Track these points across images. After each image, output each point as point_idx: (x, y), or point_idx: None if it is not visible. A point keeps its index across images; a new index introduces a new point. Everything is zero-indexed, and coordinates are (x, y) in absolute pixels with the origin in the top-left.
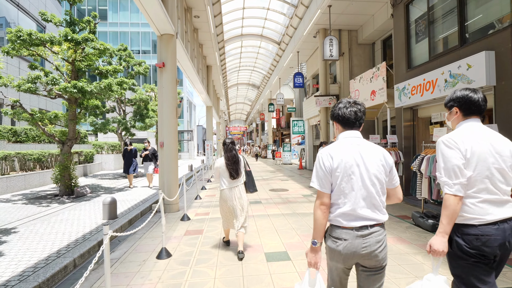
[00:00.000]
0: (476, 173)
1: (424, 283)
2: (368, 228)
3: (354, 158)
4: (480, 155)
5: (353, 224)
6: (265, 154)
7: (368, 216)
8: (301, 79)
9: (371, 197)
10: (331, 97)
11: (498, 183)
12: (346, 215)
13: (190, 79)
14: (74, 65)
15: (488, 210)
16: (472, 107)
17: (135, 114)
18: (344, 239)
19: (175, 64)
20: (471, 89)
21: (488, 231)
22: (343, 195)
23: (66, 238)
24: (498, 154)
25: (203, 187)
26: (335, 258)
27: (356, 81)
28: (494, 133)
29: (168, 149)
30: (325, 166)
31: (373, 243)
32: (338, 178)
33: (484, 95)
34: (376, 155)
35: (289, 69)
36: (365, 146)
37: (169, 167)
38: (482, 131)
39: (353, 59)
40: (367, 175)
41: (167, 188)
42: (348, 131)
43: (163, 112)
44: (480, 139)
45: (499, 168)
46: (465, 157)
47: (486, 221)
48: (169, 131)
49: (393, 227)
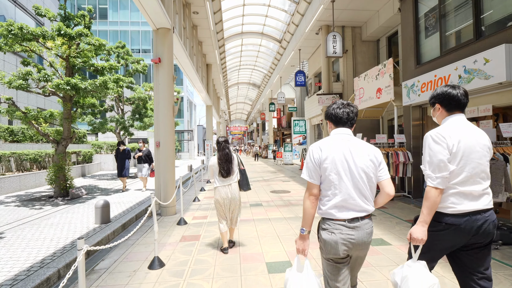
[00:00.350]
0: (459, 166)
1: (405, 268)
2: (359, 220)
3: (343, 152)
4: (466, 150)
5: (345, 216)
6: (266, 154)
7: (359, 205)
8: (302, 77)
9: (360, 188)
10: (334, 95)
11: (478, 177)
12: (338, 206)
13: (189, 77)
14: (68, 61)
15: (461, 201)
16: (452, 102)
17: (133, 113)
18: (339, 232)
19: (171, 59)
20: (450, 86)
21: (458, 221)
22: (333, 186)
23: (54, 245)
24: (481, 149)
25: (202, 188)
26: (331, 250)
27: (360, 79)
28: (476, 129)
29: (164, 149)
30: (314, 158)
31: (364, 234)
32: (326, 169)
33: (464, 91)
34: (365, 151)
35: (290, 68)
36: (355, 142)
37: (165, 168)
38: (467, 127)
39: (357, 57)
40: (355, 168)
41: (163, 190)
42: (340, 128)
43: (159, 110)
44: (466, 134)
45: (479, 162)
46: (451, 152)
47: (458, 211)
48: (165, 130)
49: (404, 232)
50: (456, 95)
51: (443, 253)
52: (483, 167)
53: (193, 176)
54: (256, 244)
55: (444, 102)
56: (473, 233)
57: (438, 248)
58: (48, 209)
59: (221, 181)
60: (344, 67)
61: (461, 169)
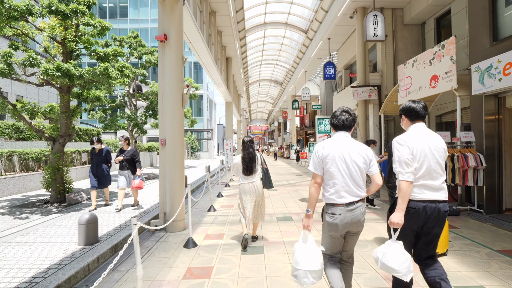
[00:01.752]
0: (419, 164)
1: (385, 246)
2: (354, 204)
3: (341, 150)
4: (422, 151)
5: (343, 201)
6: (288, 154)
7: (354, 192)
8: (332, 69)
9: (354, 178)
10: (371, 88)
11: (434, 173)
12: (337, 193)
13: (206, 67)
14: (65, 46)
15: (422, 191)
16: (412, 113)
17: (147, 109)
18: (338, 214)
19: (181, 37)
20: (413, 101)
21: (416, 206)
22: (333, 177)
23: (3, 286)
24: (435, 151)
25: (219, 194)
26: (333, 229)
27: (407, 66)
28: (433, 134)
29: (171, 148)
30: (318, 154)
31: (358, 214)
32: (327, 163)
33: (423, 104)
34: (358, 149)
35: (316, 61)
36: (351, 142)
37: (172, 171)
38: (423, 133)
39: (398, 43)
40: (350, 163)
41: (169, 198)
42: (340, 131)
43: (164, 100)
44: (421, 139)
45: (436, 162)
46: (412, 153)
47: (419, 198)
48: (172, 124)
49: (505, 273)
50: (415, 108)
51: (412, 233)
52: (438, 165)
53: (208, 180)
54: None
55: (407, 114)
56: (427, 217)
57: (408, 228)
58: (36, 218)
59: (245, 179)
60: (382, 56)
61: (420, 166)
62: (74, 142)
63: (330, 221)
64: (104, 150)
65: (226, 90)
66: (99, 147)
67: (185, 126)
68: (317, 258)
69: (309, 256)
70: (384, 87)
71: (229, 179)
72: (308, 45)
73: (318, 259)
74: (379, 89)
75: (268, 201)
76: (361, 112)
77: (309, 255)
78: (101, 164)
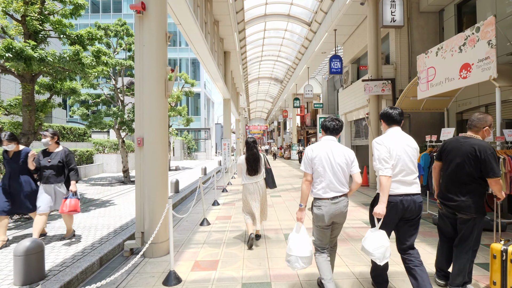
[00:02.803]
0: (395, 162)
1: (368, 233)
2: (338, 198)
3: (327, 152)
4: (397, 151)
5: (328, 196)
6: (289, 154)
7: (338, 188)
8: (339, 63)
9: (338, 177)
10: (384, 81)
11: (408, 170)
12: (324, 189)
13: (201, 58)
14: (25, 24)
15: (398, 187)
16: (389, 119)
17: (133, 107)
18: (324, 206)
19: (164, 7)
20: (391, 107)
21: (394, 200)
22: (320, 175)
23: None
24: (409, 151)
25: (214, 201)
26: (320, 220)
27: (429, 55)
28: (406, 136)
29: (150, 149)
30: (308, 156)
31: (342, 206)
32: (315, 164)
33: (400, 111)
34: (341, 152)
35: (320, 56)
36: (335, 146)
37: (152, 179)
38: (398, 135)
39: (413, 32)
40: (334, 163)
41: (148, 214)
42: (328, 135)
43: (142, 88)
44: (396, 140)
45: (410, 160)
46: (389, 152)
47: (396, 193)
48: (152, 119)
49: None
50: (391, 114)
51: (393, 223)
52: (411, 163)
53: (200, 187)
54: None
55: (385, 119)
56: (405, 209)
57: (388, 218)
58: None
59: (249, 179)
60: (396, 47)
61: (396, 164)
62: None
63: (317, 212)
64: (22, 154)
65: (224, 86)
66: (14, 148)
67: (181, 125)
68: (307, 246)
69: (300, 245)
70: (398, 81)
71: (227, 182)
72: (312, 38)
73: (308, 247)
74: (393, 83)
75: (272, 210)
76: (373, 108)
77: (301, 244)
78: (18, 174)
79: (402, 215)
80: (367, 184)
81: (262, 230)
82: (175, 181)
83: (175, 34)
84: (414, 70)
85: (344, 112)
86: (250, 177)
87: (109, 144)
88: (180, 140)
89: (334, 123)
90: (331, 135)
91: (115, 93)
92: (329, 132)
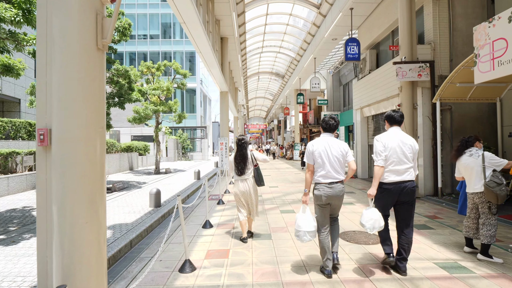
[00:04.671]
0: (389, 155)
1: (364, 211)
2: (333, 184)
3: (324, 146)
4: (392, 146)
5: (326, 181)
6: (291, 155)
7: (334, 176)
8: (356, 47)
9: (334, 167)
10: (421, 64)
11: (401, 162)
12: (323, 176)
13: (188, 29)
14: None
15: (390, 175)
16: (392, 120)
17: (111, 96)
18: (322, 189)
19: None
20: (393, 110)
21: (387, 187)
22: (320, 166)
23: None
24: (403, 146)
25: (206, 223)
26: (319, 199)
27: (498, 23)
28: (404, 134)
29: (66, 153)
30: (309, 150)
31: (337, 191)
32: (316, 156)
33: (401, 113)
34: (337, 146)
35: (330, 43)
36: (332, 141)
37: (69, 212)
38: (396, 134)
39: (455, 6)
40: (331, 155)
41: (63, 260)
42: (326, 132)
43: (51, 28)
44: (393, 138)
45: (402, 153)
46: (384, 146)
47: (389, 181)
48: (70, 93)
49: None
50: (394, 116)
51: (389, 206)
52: (404, 156)
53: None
54: None
55: (388, 120)
56: (399, 194)
57: (384, 202)
58: None
59: (238, 176)
60: (434, 22)
61: (390, 157)
62: (16, 141)
63: (317, 193)
64: None
65: (220, 75)
66: None
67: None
68: (312, 223)
69: (306, 222)
70: (438, 63)
71: (224, 190)
72: (320, 24)
73: (312, 223)
74: (431, 66)
75: (288, 235)
76: (406, 99)
77: (307, 221)
78: None
79: (397, 198)
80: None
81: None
82: (155, 192)
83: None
84: (456, 51)
85: (360, 106)
86: (238, 175)
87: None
88: (174, 139)
89: (331, 122)
90: (328, 132)
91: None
92: (326, 130)
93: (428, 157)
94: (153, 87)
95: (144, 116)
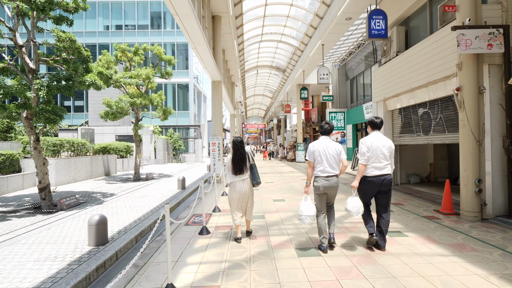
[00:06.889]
0: (372, 154)
1: (349, 199)
2: (329, 177)
3: (323, 146)
4: (374, 147)
5: (324, 175)
6: (293, 155)
7: (330, 171)
8: (382, 22)
9: (330, 163)
10: (492, 30)
11: (381, 160)
12: (321, 171)
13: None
14: None
15: (373, 170)
16: (374, 125)
17: (55, 77)
18: (320, 181)
19: None
20: (375, 117)
21: (371, 179)
22: (318, 162)
23: None
24: (383, 147)
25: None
26: (317, 189)
27: None
28: (383, 137)
29: None
30: (310, 150)
31: (332, 183)
32: (315, 155)
33: (381, 120)
34: (333, 146)
35: (343, 25)
36: (329, 142)
37: None
38: (378, 137)
39: None
40: (328, 154)
41: None
42: (324, 136)
43: None
44: (375, 140)
45: (382, 153)
46: (368, 147)
47: (372, 175)
48: None
49: None
50: (376, 122)
51: (371, 195)
52: (383, 155)
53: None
54: None
55: (370, 125)
56: (379, 184)
57: (367, 192)
58: None
59: (234, 177)
60: None
61: (372, 156)
62: None
63: (316, 185)
64: None
65: (211, 60)
66: None
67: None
68: (312, 209)
69: (307, 208)
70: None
71: (213, 207)
72: (330, 2)
73: (313, 209)
74: (506, 33)
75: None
76: (468, 80)
77: (308, 207)
78: None
79: (378, 188)
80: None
81: None
82: (97, 222)
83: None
84: None
85: (384, 98)
86: (235, 176)
87: (46, 144)
88: (164, 139)
89: (326, 126)
90: (325, 135)
91: (18, 53)
92: (323, 133)
93: (499, 161)
94: (128, 74)
95: (118, 110)
